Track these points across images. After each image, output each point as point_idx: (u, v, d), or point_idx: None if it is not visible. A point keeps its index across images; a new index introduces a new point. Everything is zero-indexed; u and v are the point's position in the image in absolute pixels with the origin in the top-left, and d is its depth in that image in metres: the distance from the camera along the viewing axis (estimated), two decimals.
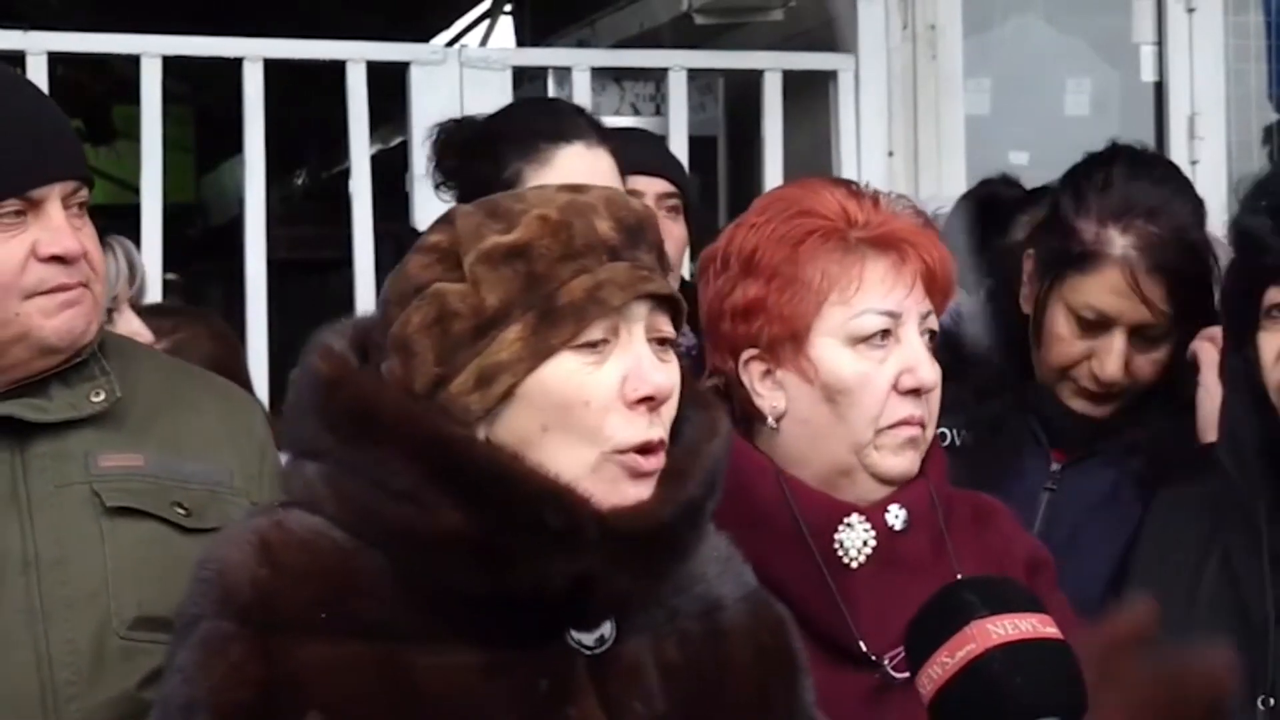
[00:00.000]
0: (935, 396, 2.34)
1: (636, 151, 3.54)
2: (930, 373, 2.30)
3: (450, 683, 1.87)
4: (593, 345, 1.89)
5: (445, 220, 1.96)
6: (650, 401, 1.90)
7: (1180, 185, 2.97)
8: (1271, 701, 2.39)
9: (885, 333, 2.30)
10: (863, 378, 2.28)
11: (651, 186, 3.77)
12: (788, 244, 2.31)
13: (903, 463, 2.32)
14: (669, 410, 1.94)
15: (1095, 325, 2.86)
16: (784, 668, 2.08)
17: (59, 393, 2.40)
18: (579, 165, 3.08)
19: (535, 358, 1.88)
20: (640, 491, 1.90)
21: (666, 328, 1.94)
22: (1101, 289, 2.84)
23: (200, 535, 2.38)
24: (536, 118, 3.20)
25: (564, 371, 1.89)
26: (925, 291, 2.33)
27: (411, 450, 1.86)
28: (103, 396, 2.41)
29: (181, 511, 2.41)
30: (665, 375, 1.91)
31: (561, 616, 1.91)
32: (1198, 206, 2.96)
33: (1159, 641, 2.11)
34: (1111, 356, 2.85)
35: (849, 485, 2.32)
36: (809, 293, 2.30)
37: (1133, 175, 2.91)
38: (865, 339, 2.30)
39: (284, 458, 2.11)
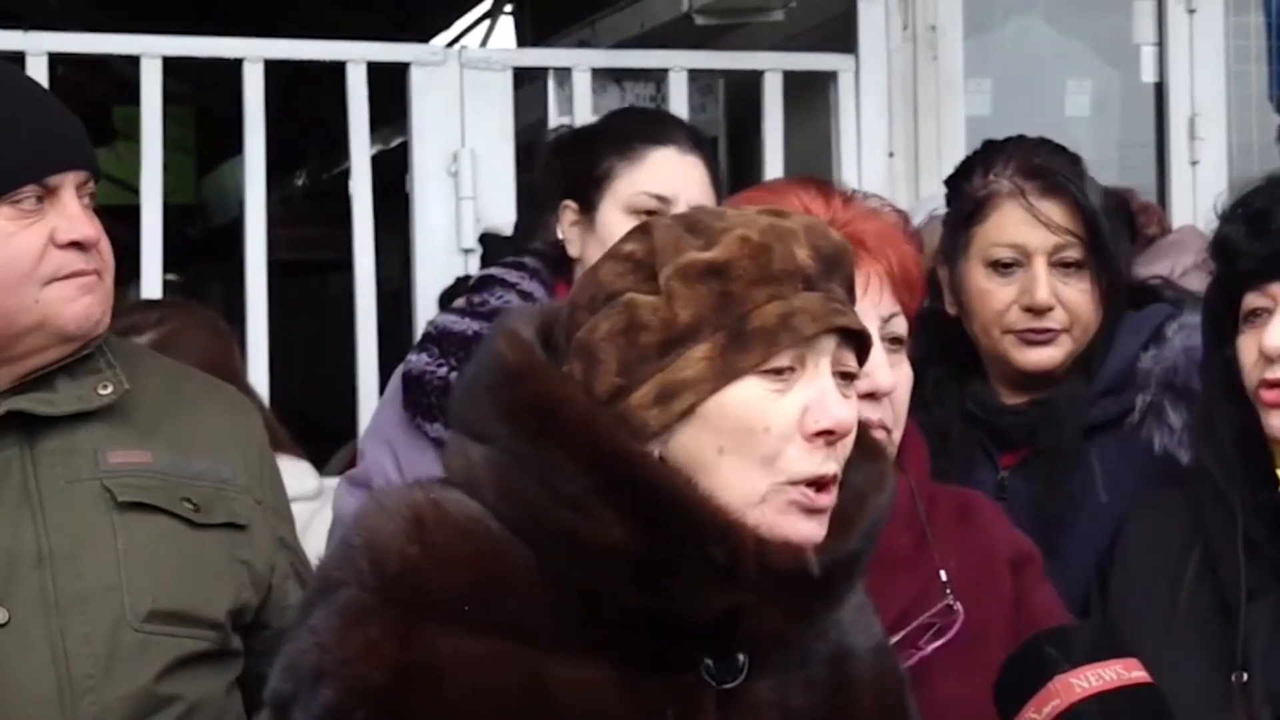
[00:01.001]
0: (899, 398, 2.34)
1: None
2: (886, 376, 2.30)
3: (581, 695, 1.85)
4: (779, 372, 1.87)
5: (642, 231, 1.94)
6: (829, 435, 1.88)
7: (1055, 147, 3.05)
8: (1245, 676, 2.42)
9: None
10: None
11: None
12: None
13: None
14: (845, 447, 1.91)
15: (1011, 265, 2.92)
16: None
17: (65, 386, 2.42)
18: (669, 168, 3.19)
19: (721, 378, 1.86)
20: (812, 529, 1.88)
21: (851, 363, 1.93)
22: (1003, 226, 2.93)
23: (208, 530, 2.43)
24: (636, 120, 3.34)
25: (748, 395, 1.87)
26: (895, 291, 2.33)
27: (587, 458, 1.84)
28: (110, 389, 2.42)
29: (190, 506, 2.43)
30: (847, 410, 1.89)
31: (701, 645, 1.89)
32: (1074, 158, 3.04)
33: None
34: (1037, 283, 2.91)
35: None
36: None
37: (1007, 143, 3.04)
38: None
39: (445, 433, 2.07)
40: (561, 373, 1.90)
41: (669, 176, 3.17)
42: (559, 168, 3.27)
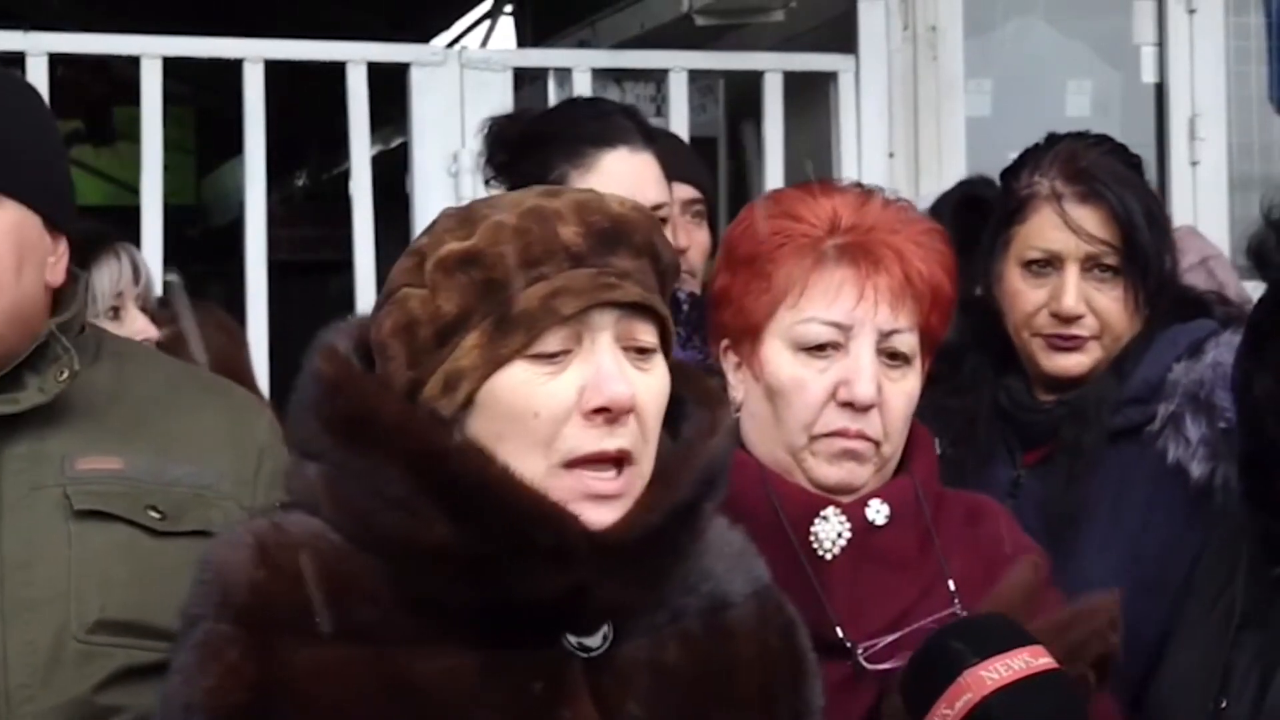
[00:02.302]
0: (893, 412, 2.33)
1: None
2: (866, 389, 2.29)
3: (445, 684, 1.86)
4: (550, 356, 1.87)
5: (432, 222, 1.96)
6: (606, 413, 1.86)
7: (1114, 147, 3.02)
8: (1224, 704, 2.40)
9: (833, 344, 2.31)
10: (797, 382, 2.30)
11: (677, 193, 3.77)
12: (760, 242, 2.34)
13: (838, 473, 2.33)
14: (647, 421, 1.90)
15: (1045, 267, 2.91)
16: (790, 670, 2.07)
17: (31, 380, 2.39)
18: (623, 169, 3.10)
19: (489, 365, 1.86)
20: (601, 515, 1.87)
21: (645, 336, 1.91)
22: (1038, 229, 2.91)
23: (174, 539, 2.38)
24: (584, 121, 3.20)
25: (516, 381, 1.87)
26: (906, 305, 2.33)
27: (405, 460, 1.85)
28: (65, 374, 2.37)
29: (156, 515, 2.39)
30: (625, 385, 1.87)
31: (557, 621, 1.90)
32: (1133, 159, 3.01)
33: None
34: (1066, 290, 2.89)
35: (802, 482, 2.34)
36: (768, 293, 2.33)
37: (1064, 139, 3.01)
38: (807, 347, 2.32)
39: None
40: (375, 379, 1.92)
41: (622, 180, 3.03)
42: (505, 165, 3.16)
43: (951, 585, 2.32)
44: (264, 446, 2.53)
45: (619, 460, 1.88)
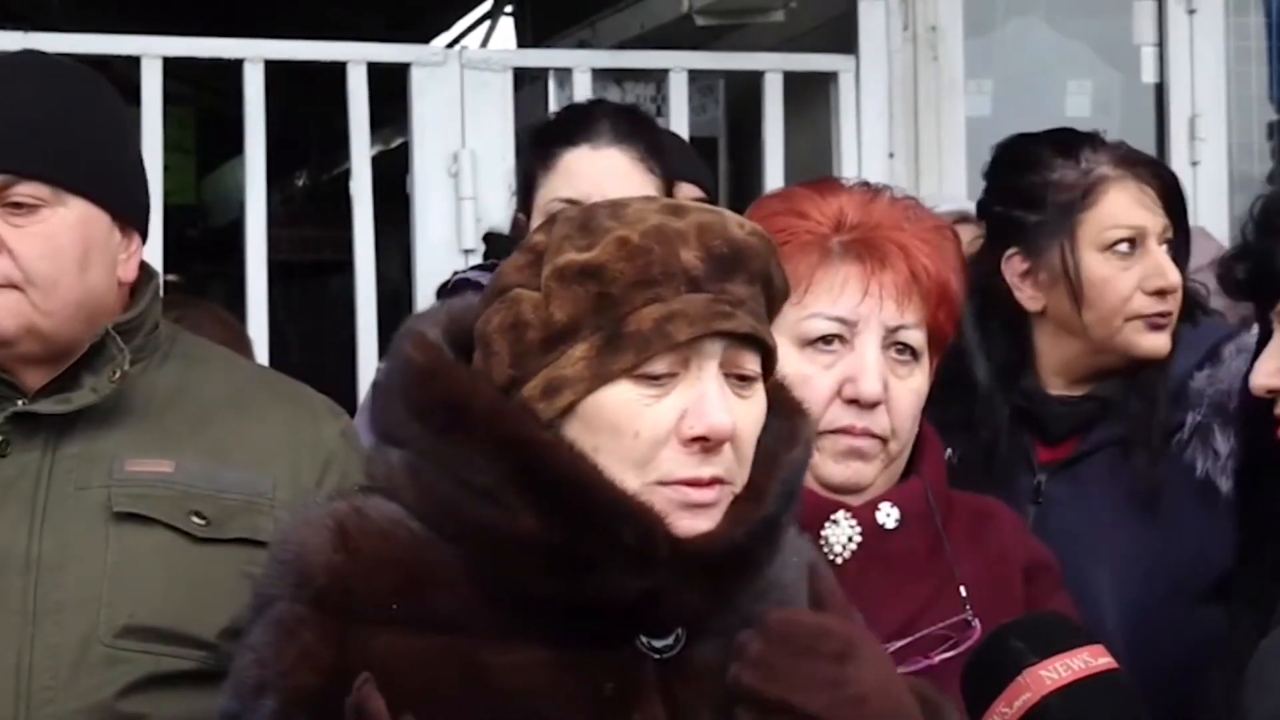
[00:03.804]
0: (900, 409, 2.32)
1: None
2: (872, 385, 2.29)
3: (519, 680, 1.86)
4: (655, 378, 1.86)
5: (550, 221, 1.94)
6: (704, 442, 1.86)
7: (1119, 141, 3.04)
8: None
9: (838, 339, 2.30)
10: (801, 379, 2.26)
11: (683, 192, 3.76)
12: None
13: (844, 471, 2.33)
14: (743, 448, 1.90)
15: (1131, 246, 2.88)
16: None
17: (86, 380, 2.39)
18: (580, 168, 3.11)
19: (595, 380, 1.86)
20: (697, 523, 1.87)
21: (749, 365, 1.90)
22: (1119, 205, 2.89)
23: (216, 545, 2.38)
24: (559, 121, 3.25)
25: (621, 399, 1.86)
26: (912, 302, 2.32)
27: (496, 449, 1.85)
28: (117, 375, 2.38)
29: (199, 521, 2.38)
30: (726, 415, 1.86)
31: (632, 622, 1.90)
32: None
33: None
34: (1165, 265, 2.88)
35: (811, 483, 2.31)
36: None
37: (1065, 132, 3.02)
38: (812, 342, 2.31)
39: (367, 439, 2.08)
40: (468, 368, 1.92)
41: (580, 177, 3.09)
42: (516, 174, 3.21)
43: (964, 591, 2.32)
44: (331, 454, 2.51)
45: (711, 484, 1.88)
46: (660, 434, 1.86)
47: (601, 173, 3.10)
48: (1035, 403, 2.93)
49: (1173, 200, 2.89)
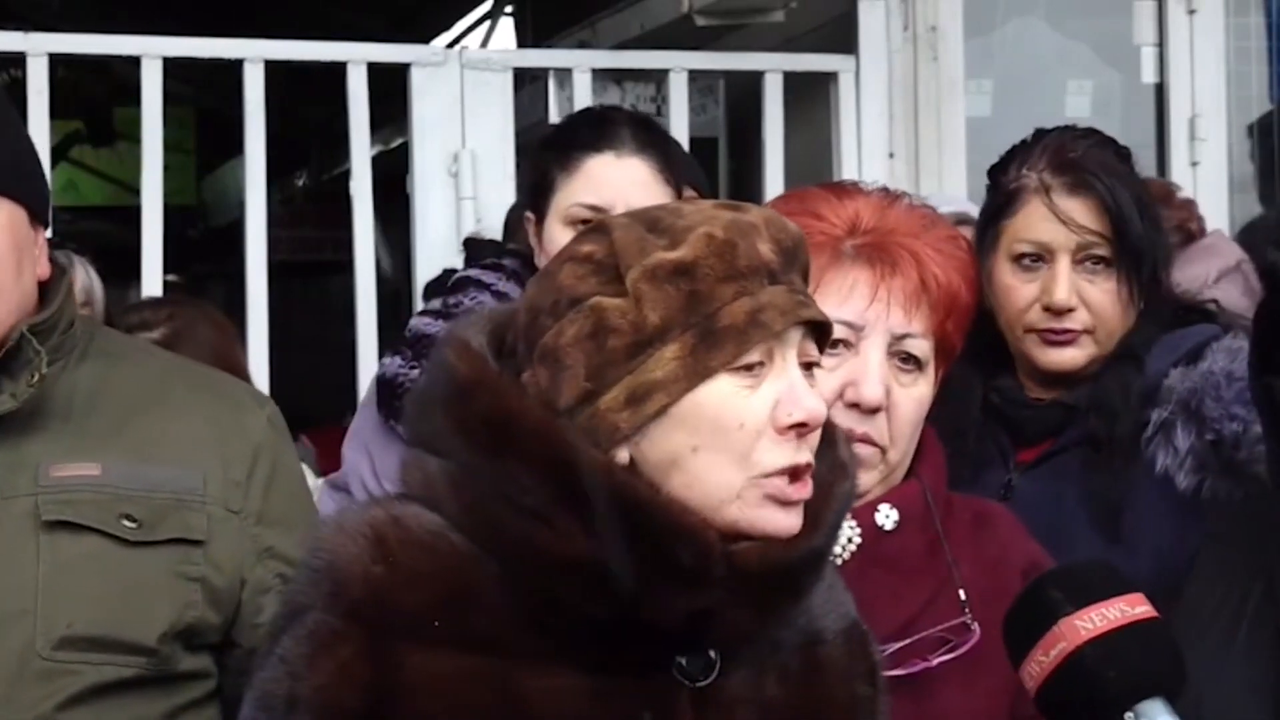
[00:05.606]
0: (901, 416, 2.31)
1: None
2: (873, 390, 2.28)
3: (556, 705, 1.84)
4: (749, 369, 1.87)
5: (599, 231, 1.92)
6: (802, 428, 1.88)
7: (1103, 139, 2.99)
8: None
9: (843, 343, 2.29)
10: None
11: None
12: None
13: None
14: (816, 437, 1.91)
15: (1035, 261, 2.88)
16: (874, 716, 2.07)
17: (6, 386, 2.32)
18: (604, 175, 3.14)
19: (693, 377, 1.85)
20: (790, 521, 1.88)
21: (814, 353, 1.93)
22: (1027, 221, 2.88)
23: (148, 548, 2.32)
24: (580, 126, 3.27)
25: (721, 394, 1.86)
26: (920, 310, 2.31)
27: (546, 469, 1.82)
28: (35, 378, 2.30)
29: (130, 524, 2.32)
30: (816, 402, 1.89)
31: (672, 644, 1.88)
32: (1122, 151, 2.98)
33: None
34: (1057, 282, 2.86)
35: None
36: None
37: (1052, 132, 2.98)
38: None
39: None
40: (515, 383, 1.88)
41: (604, 184, 3.11)
42: (523, 175, 3.22)
43: (962, 594, 2.31)
44: (260, 445, 2.46)
45: (805, 472, 1.90)
46: (761, 423, 1.87)
47: (626, 182, 3.13)
48: (1009, 404, 2.95)
49: (1113, 216, 2.88)
